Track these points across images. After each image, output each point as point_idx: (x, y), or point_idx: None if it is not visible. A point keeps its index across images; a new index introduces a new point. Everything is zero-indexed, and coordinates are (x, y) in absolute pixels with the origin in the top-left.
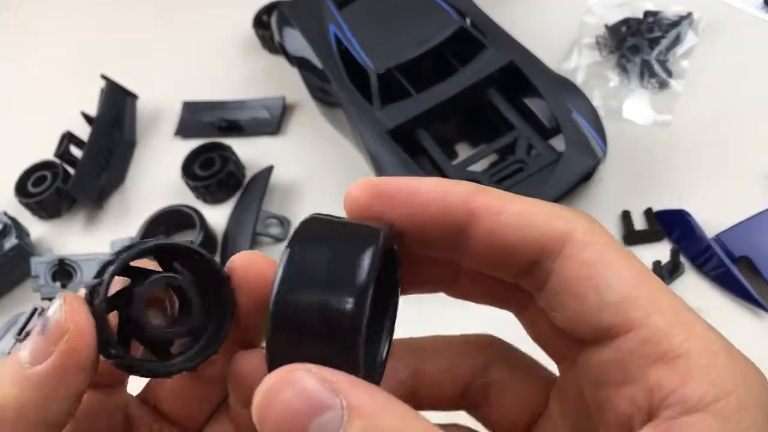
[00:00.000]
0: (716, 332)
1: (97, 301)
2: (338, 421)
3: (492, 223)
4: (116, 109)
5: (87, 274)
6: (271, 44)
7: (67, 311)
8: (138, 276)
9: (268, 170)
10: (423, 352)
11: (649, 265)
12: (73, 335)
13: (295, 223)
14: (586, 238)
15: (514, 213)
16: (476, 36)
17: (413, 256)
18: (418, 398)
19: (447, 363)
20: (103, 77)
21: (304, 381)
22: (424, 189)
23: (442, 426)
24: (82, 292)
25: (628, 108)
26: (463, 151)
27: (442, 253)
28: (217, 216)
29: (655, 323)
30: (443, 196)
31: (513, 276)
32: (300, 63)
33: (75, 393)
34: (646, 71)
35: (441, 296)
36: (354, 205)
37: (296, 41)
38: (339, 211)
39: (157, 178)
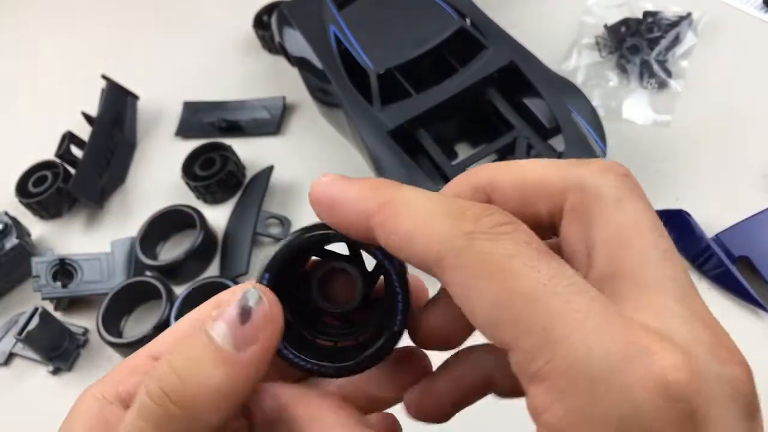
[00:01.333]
0: (582, 351)
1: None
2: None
3: (385, 243)
4: (117, 110)
5: (88, 274)
6: (272, 44)
7: (268, 301)
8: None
9: (269, 170)
10: (495, 357)
11: None
12: (274, 325)
13: (295, 223)
14: (456, 261)
15: (402, 234)
16: (476, 36)
17: None
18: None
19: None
20: (104, 77)
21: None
22: (340, 200)
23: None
24: (251, 282)
25: (627, 108)
26: (463, 151)
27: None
28: (218, 216)
29: (521, 346)
30: (351, 210)
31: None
32: (300, 63)
33: (260, 379)
34: (646, 71)
35: None
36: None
37: (296, 41)
38: None
39: (157, 178)
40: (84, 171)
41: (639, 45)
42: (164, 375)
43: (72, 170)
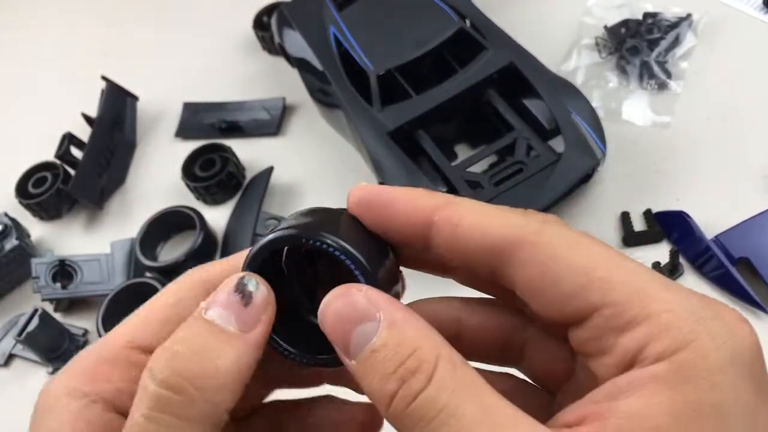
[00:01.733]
0: (676, 291)
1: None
2: (375, 329)
3: (449, 234)
4: (117, 110)
5: (87, 275)
6: (271, 45)
7: (264, 286)
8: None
9: (268, 171)
10: (467, 306)
11: (649, 266)
12: (272, 308)
13: None
14: (535, 238)
15: (468, 225)
16: (476, 37)
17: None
18: (459, 345)
19: (487, 317)
20: (104, 78)
21: (354, 296)
22: (395, 200)
23: (493, 373)
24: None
25: (627, 109)
26: (463, 152)
27: (420, 253)
28: (218, 217)
29: (613, 300)
30: (409, 207)
31: (482, 278)
32: (300, 64)
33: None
34: (646, 72)
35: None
36: (350, 207)
37: (296, 42)
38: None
39: (157, 179)
40: (84, 172)
41: (639, 46)
42: (176, 362)
43: (72, 171)
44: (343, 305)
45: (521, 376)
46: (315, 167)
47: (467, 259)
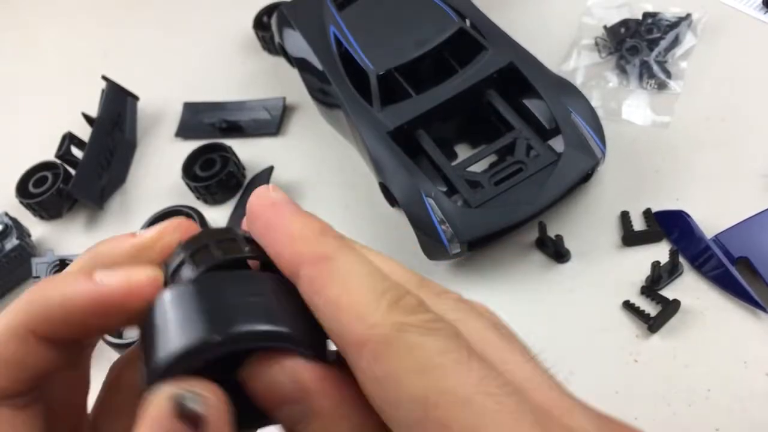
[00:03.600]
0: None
1: None
2: (302, 416)
3: (306, 297)
4: (117, 110)
5: None
6: (272, 45)
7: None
8: None
9: (269, 171)
10: None
11: (648, 266)
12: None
13: None
14: (380, 349)
15: (325, 301)
16: (476, 37)
17: None
18: None
19: None
20: (104, 78)
21: (276, 374)
22: (279, 229)
23: None
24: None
25: (627, 109)
26: (463, 151)
27: None
28: (218, 217)
29: None
30: (285, 245)
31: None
32: (300, 64)
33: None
34: (645, 72)
35: None
36: (247, 214)
37: (296, 42)
38: (338, 211)
39: (157, 179)
40: (84, 172)
41: (638, 46)
42: None
43: (72, 171)
44: (268, 383)
45: None
46: (315, 167)
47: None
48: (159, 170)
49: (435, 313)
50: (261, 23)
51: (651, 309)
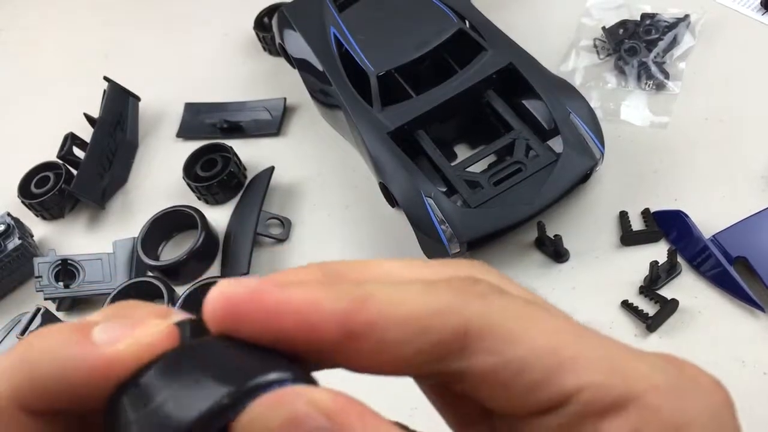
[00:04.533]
0: (651, 362)
1: None
2: None
3: (374, 344)
4: (118, 111)
5: (89, 275)
6: (272, 46)
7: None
8: None
9: (269, 171)
10: None
11: (647, 266)
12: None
13: (296, 223)
14: (482, 322)
15: (397, 326)
16: (475, 38)
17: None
18: None
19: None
20: (106, 79)
21: (291, 405)
22: (282, 309)
23: None
24: None
25: (625, 109)
26: (462, 152)
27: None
28: (219, 216)
29: (590, 381)
30: (307, 320)
31: (421, 376)
32: (300, 65)
33: None
34: (644, 73)
35: None
36: (211, 320)
37: (297, 43)
38: (338, 211)
39: (159, 179)
40: (86, 172)
41: (637, 47)
42: None
43: (74, 171)
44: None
45: None
46: (315, 167)
47: (398, 365)
48: (160, 170)
49: (485, 279)
50: (262, 24)
51: (649, 308)
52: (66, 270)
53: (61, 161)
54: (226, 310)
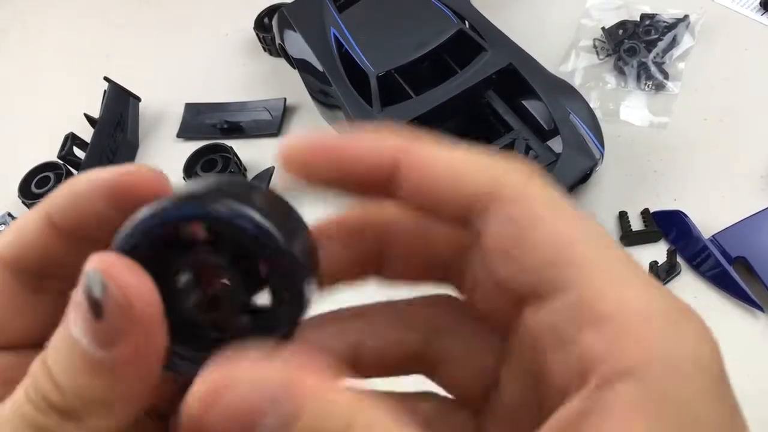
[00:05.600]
0: (659, 292)
1: None
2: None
3: (416, 180)
4: (119, 111)
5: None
6: (272, 47)
7: (120, 288)
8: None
9: (270, 171)
10: (363, 323)
11: (646, 266)
12: (141, 318)
13: None
14: (516, 192)
15: (439, 170)
16: (475, 39)
17: (334, 241)
18: (358, 370)
19: (392, 333)
20: (106, 79)
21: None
22: (349, 146)
23: (413, 395)
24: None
25: (625, 110)
26: None
27: (375, 199)
28: None
29: (587, 283)
30: (369, 152)
31: (448, 225)
32: (301, 65)
33: (155, 381)
34: (643, 73)
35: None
36: (285, 165)
37: (297, 43)
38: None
39: None
40: (86, 172)
41: (636, 47)
42: (44, 386)
43: (75, 171)
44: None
45: (444, 394)
46: None
47: (435, 208)
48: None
49: (545, 182)
50: (262, 24)
51: None
52: None
53: (61, 161)
54: (297, 148)
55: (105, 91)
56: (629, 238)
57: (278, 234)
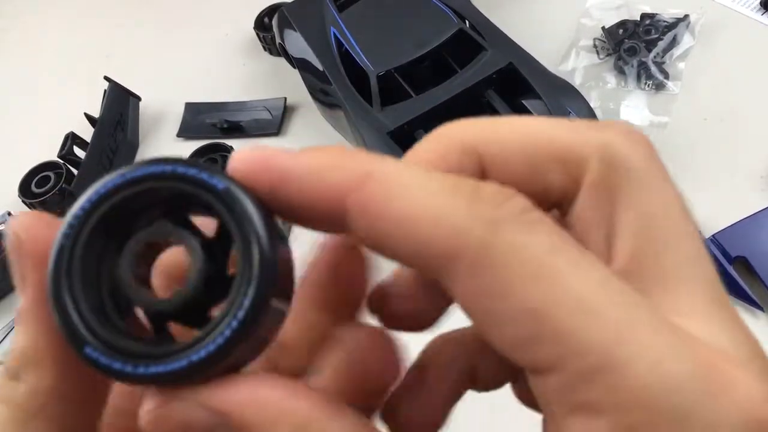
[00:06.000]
0: (657, 379)
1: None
2: None
3: (366, 227)
4: (119, 111)
5: None
6: (273, 46)
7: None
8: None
9: None
10: (480, 343)
11: None
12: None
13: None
14: (482, 257)
15: (396, 218)
16: (475, 38)
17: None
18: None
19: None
20: (107, 79)
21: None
22: (292, 173)
23: None
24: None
25: (625, 109)
26: None
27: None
28: None
29: (570, 368)
30: (312, 186)
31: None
32: (301, 64)
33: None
34: (643, 73)
35: None
36: (234, 174)
37: (297, 43)
38: None
39: None
40: (86, 171)
41: (636, 47)
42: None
43: (75, 171)
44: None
45: None
46: None
47: (395, 257)
48: None
49: (522, 198)
50: (262, 24)
51: None
52: None
53: (61, 161)
54: (238, 170)
55: (105, 90)
56: None
57: (243, 193)
